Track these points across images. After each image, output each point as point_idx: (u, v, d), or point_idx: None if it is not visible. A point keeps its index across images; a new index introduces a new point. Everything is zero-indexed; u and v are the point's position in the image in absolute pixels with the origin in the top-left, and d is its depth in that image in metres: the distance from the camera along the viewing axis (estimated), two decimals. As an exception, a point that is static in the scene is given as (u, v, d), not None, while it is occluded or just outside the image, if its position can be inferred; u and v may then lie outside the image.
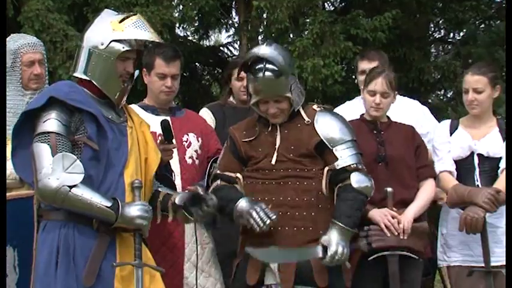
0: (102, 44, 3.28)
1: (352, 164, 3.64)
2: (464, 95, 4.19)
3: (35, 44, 4.00)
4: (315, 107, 3.81)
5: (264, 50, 3.65)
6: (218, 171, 3.81)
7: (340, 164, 3.63)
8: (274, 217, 3.50)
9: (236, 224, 3.70)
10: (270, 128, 3.74)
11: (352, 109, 4.45)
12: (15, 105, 3.83)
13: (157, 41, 3.43)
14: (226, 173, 3.77)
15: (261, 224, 3.49)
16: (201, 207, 3.40)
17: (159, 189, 3.51)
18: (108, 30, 3.30)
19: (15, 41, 3.96)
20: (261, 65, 3.61)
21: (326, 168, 3.64)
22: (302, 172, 3.64)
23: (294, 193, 3.62)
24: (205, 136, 4.22)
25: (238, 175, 3.74)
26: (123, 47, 3.29)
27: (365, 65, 4.61)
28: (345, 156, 3.64)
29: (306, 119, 3.72)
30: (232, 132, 3.83)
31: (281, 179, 3.64)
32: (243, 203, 3.58)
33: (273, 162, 3.67)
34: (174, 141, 3.74)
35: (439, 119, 4.79)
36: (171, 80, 4.08)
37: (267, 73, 3.60)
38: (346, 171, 3.62)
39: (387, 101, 4.05)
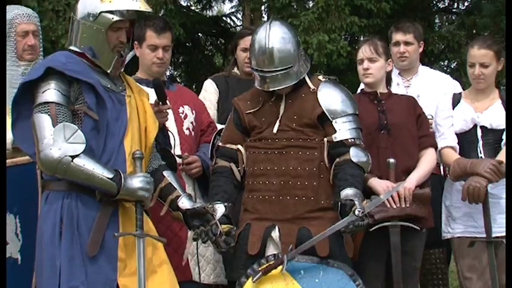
0: (91, 16, 3.25)
1: (350, 139, 3.62)
2: (469, 68, 4.16)
3: (30, 15, 4.00)
4: (320, 77, 3.79)
5: (272, 41, 3.59)
6: (220, 144, 3.81)
7: (337, 136, 3.62)
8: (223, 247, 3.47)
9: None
10: (274, 98, 3.72)
11: None
12: (10, 75, 3.82)
13: (146, 10, 3.36)
14: (228, 146, 3.76)
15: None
16: (203, 224, 3.43)
17: (164, 173, 3.48)
18: (96, 2, 3.26)
19: (10, 12, 3.94)
20: (272, 68, 3.58)
21: (325, 139, 3.64)
22: (304, 142, 3.63)
23: (296, 163, 3.60)
24: (198, 109, 4.25)
25: (240, 147, 3.74)
26: (113, 18, 3.25)
27: (400, 37, 4.66)
28: (343, 129, 3.63)
29: (312, 87, 3.70)
30: (237, 103, 3.82)
31: (283, 148, 3.63)
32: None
33: (275, 131, 3.65)
34: (168, 102, 3.72)
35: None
36: (162, 52, 4.10)
37: (277, 74, 3.59)
38: (344, 145, 3.61)
39: (376, 66, 4.08)
